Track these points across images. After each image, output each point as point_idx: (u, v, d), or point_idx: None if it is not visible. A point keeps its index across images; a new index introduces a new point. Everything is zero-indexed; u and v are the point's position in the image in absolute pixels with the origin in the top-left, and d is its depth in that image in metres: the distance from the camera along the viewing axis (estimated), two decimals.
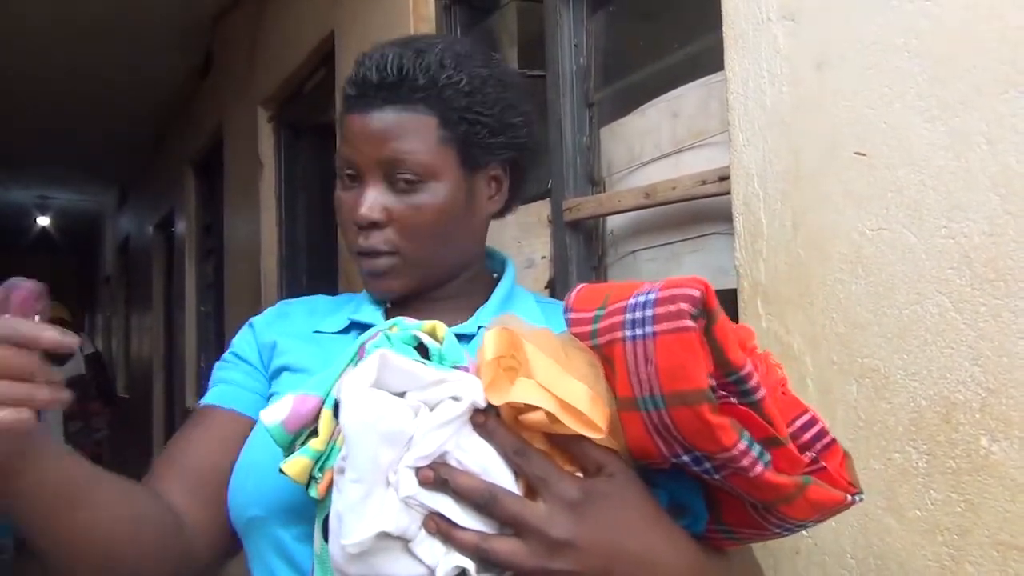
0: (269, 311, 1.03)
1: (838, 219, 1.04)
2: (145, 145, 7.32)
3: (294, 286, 3.71)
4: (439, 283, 0.97)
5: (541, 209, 1.86)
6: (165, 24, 4.68)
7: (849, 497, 0.65)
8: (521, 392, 0.63)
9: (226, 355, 1.00)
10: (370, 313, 0.97)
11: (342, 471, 0.65)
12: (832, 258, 1.05)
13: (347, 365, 0.71)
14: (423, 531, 0.64)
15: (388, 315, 0.97)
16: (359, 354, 0.71)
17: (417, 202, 0.90)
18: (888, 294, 0.98)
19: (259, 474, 0.83)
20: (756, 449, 0.61)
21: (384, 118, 0.89)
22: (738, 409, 0.62)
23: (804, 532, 1.08)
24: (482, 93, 0.92)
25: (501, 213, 1.04)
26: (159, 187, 7.06)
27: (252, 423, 0.92)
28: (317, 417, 0.70)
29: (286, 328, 0.99)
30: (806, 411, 0.67)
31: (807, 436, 0.66)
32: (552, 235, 1.82)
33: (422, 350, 0.70)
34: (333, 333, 0.96)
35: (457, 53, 0.93)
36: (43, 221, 10.72)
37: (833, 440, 0.67)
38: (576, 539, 0.63)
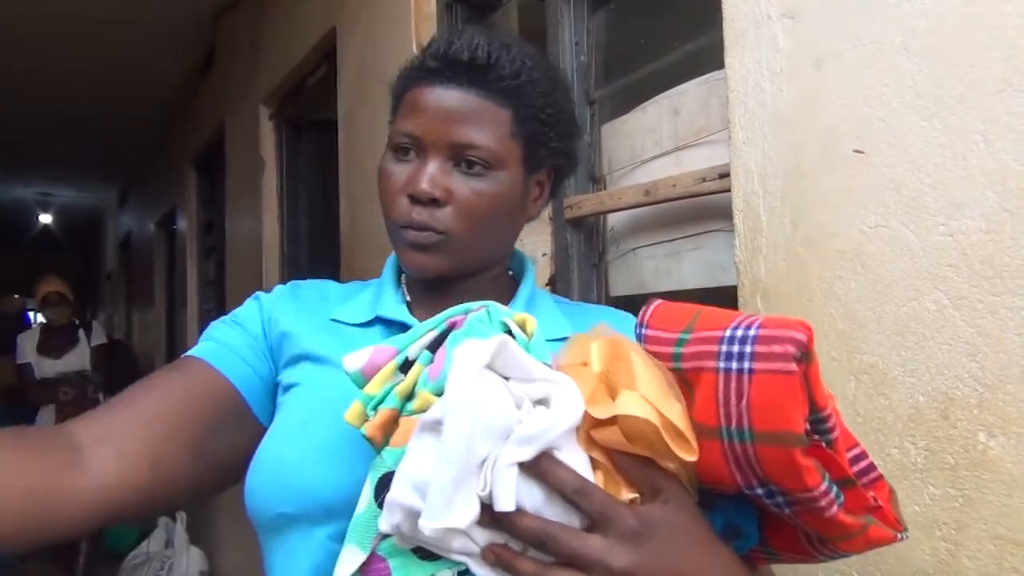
0: (279, 288, 1.01)
1: (837, 216, 1.05)
2: (147, 142, 7.33)
3: None
4: (468, 274, 0.95)
5: None
6: (167, 21, 4.69)
7: (898, 535, 0.67)
8: (629, 405, 0.63)
9: (225, 318, 0.97)
10: (396, 309, 0.95)
11: (433, 430, 0.64)
12: (831, 255, 1.05)
13: (432, 328, 0.71)
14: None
15: (410, 308, 0.96)
16: (448, 323, 0.71)
17: (479, 188, 0.89)
18: (886, 291, 0.98)
19: (289, 470, 0.81)
20: (834, 490, 0.62)
21: (466, 99, 0.88)
22: (821, 451, 0.63)
23: None
24: (554, 97, 0.93)
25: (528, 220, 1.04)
26: (161, 184, 7.07)
27: (232, 391, 0.89)
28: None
29: (298, 310, 0.96)
30: (857, 444, 0.68)
31: (857, 468, 0.67)
32: (553, 232, 1.83)
33: None
34: (354, 325, 0.95)
35: (535, 57, 0.94)
36: (45, 218, 10.73)
37: (880, 475, 0.68)
38: (636, 569, 0.64)
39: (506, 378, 0.66)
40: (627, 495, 0.66)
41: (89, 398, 5.14)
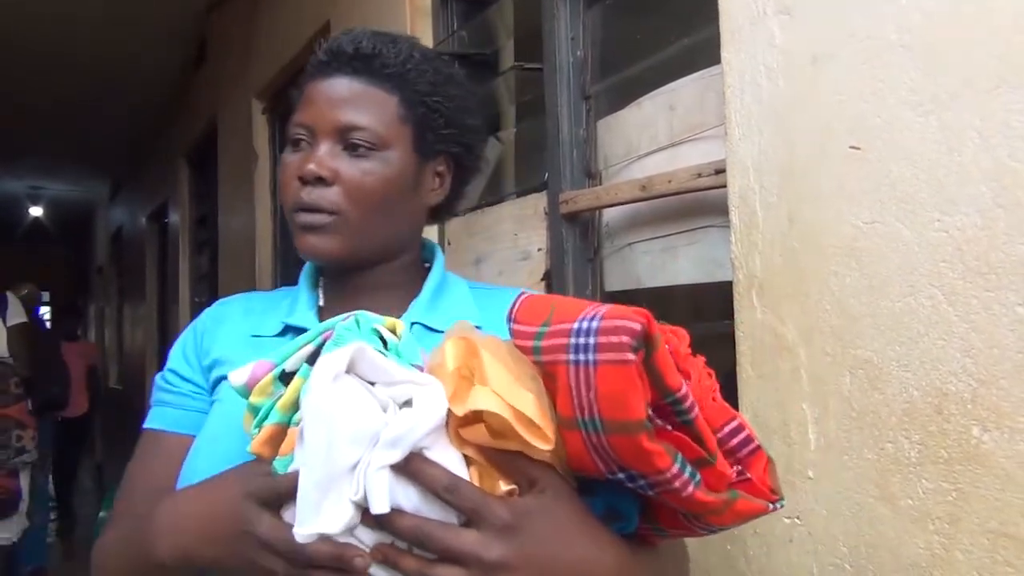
0: (205, 314, 1.03)
1: (832, 212, 1.05)
2: (139, 136, 7.30)
3: (288, 277, 3.72)
4: (368, 262, 0.97)
5: (537, 201, 1.87)
6: (159, 15, 4.68)
7: (771, 505, 0.69)
8: (479, 399, 0.65)
9: (165, 373, 1.00)
10: (304, 316, 0.97)
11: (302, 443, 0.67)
12: (826, 251, 1.06)
13: (308, 342, 0.73)
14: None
15: (322, 315, 0.97)
16: (323, 336, 0.72)
17: (367, 167, 0.92)
18: (881, 287, 0.99)
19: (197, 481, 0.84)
20: (688, 471, 0.64)
21: (351, 85, 0.92)
22: (672, 434, 0.65)
23: (797, 520, 1.10)
24: (444, 87, 0.97)
25: (440, 215, 1.06)
26: (153, 178, 7.05)
27: None
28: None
29: (225, 332, 0.99)
30: (734, 417, 0.70)
31: (734, 442, 0.69)
32: (548, 227, 1.83)
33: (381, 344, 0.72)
34: (270, 337, 0.97)
35: (425, 51, 0.99)
36: (35, 211, 10.68)
37: (758, 447, 0.70)
38: (510, 560, 0.66)
39: (372, 383, 0.67)
40: (504, 488, 0.68)
41: (12, 394, 3.94)
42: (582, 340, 0.65)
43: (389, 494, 0.64)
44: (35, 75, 5.60)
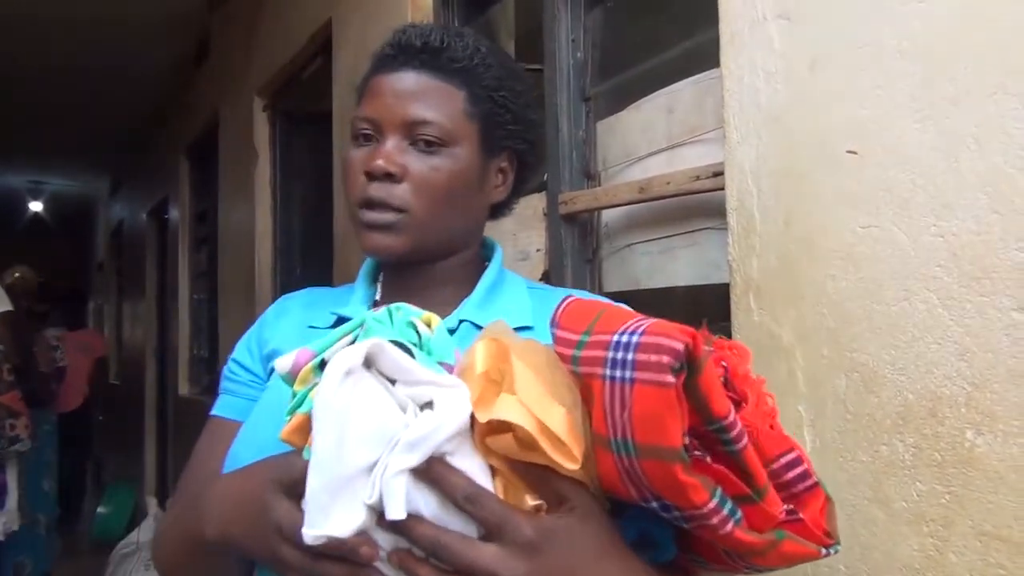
0: (270, 310, 1.04)
1: (830, 216, 1.06)
2: (139, 132, 7.30)
3: (288, 275, 3.72)
4: (431, 258, 0.97)
5: (537, 202, 1.88)
6: (161, 11, 4.68)
7: (824, 550, 0.64)
8: (504, 409, 0.61)
9: (230, 363, 1.02)
10: (356, 308, 0.97)
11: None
12: (823, 254, 1.07)
13: (348, 332, 0.71)
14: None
15: (376, 307, 0.97)
16: (362, 326, 0.71)
17: (435, 163, 0.91)
18: (877, 290, 1.00)
19: (236, 466, 0.85)
20: (727, 507, 0.59)
21: (419, 79, 0.91)
22: (712, 467, 0.60)
23: None
24: (510, 82, 0.96)
25: (498, 212, 1.05)
26: (153, 174, 7.04)
27: None
28: None
29: (284, 326, 1.00)
30: (792, 449, 0.65)
31: (790, 475, 0.64)
32: (547, 228, 1.84)
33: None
34: (325, 328, 0.97)
35: (490, 45, 0.97)
36: (35, 206, 10.67)
37: (816, 483, 0.65)
38: None
39: (392, 381, 0.65)
40: (531, 503, 0.64)
41: (5, 381, 3.88)
42: (620, 355, 0.60)
43: (407, 499, 0.61)
44: (36, 70, 5.60)
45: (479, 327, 0.90)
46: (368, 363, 0.64)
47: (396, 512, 0.60)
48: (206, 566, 0.86)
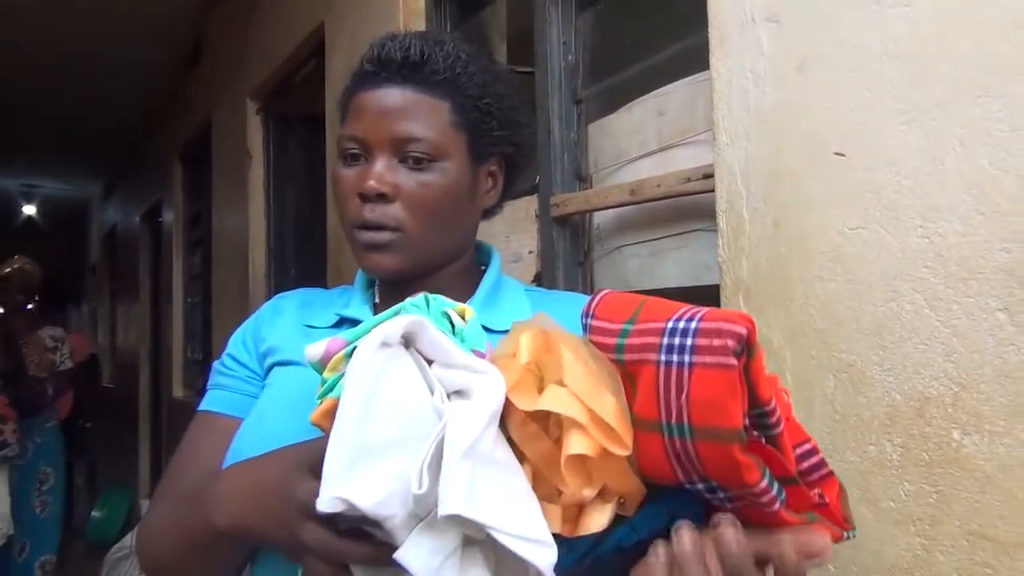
0: (265, 308, 1.04)
1: (818, 218, 1.06)
2: (133, 134, 7.28)
3: (282, 277, 3.72)
4: (429, 270, 0.97)
5: (529, 204, 1.88)
6: (154, 14, 4.67)
7: (845, 534, 0.66)
8: (555, 401, 0.62)
9: (224, 358, 1.02)
10: (359, 309, 0.98)
11: None
12: (812, 256, 1.07)
13: (383, 321, 0.71)
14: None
15: (377, 311, 0.98)
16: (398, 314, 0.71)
17: (426, 180, 0.91)
18: (865, 292, 1.00)
19: (240, 459, 0.84)
20: (775, 487, 0.61)
21: (403, 95, 0.91)
22: (763, 448, 0.62)
23: None
24: (493, 87, 0.96)
25: (489, 214, 1.06)
26: (146, 177, 7.03)
27: None
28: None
29: (280, 325, 1.00)
30: (807, 440, 0.67)
31: (806, 464, 0.66)
32: (539, 230, 1.84)
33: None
34: (324, 328, 0.97)
35: (469, 50, 0.97)
36: (29, 209, 10.64)
37: (830, 472, 0.67)
38: None
39: (430, 362, 0.66)
40: (584, 491, 0.64)
41: None
42: (677, 340, 0.62)
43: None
44: (29, 73, 5.58)
45: (486, 328, 0.91)
46: (407, 342, 0.65)
47: (454, 507, 0.58)
48: (205, 561, 0.86)
